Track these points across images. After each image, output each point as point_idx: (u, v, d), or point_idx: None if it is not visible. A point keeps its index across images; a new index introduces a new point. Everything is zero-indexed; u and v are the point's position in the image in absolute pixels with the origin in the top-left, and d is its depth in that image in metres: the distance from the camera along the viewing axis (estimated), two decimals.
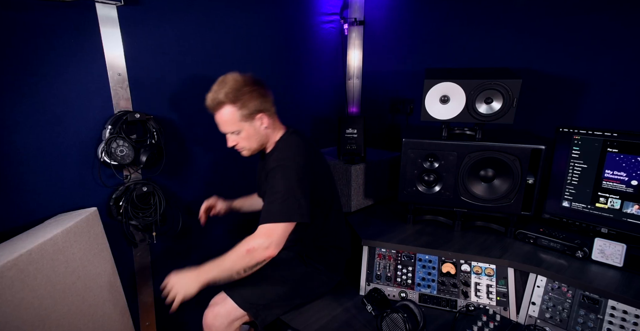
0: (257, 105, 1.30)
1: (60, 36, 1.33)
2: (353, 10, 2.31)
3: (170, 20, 1.58)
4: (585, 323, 1.25)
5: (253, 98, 1.29)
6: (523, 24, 1.75)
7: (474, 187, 1.55)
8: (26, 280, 1.07)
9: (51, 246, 1.13)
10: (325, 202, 1.44)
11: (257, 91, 1.31)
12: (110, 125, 1.43)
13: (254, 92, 1.30)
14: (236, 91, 1.27)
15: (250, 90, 1.29)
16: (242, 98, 1.28)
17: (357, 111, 2.49)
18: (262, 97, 1.32)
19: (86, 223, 1.32)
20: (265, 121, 1.34)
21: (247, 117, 1.30)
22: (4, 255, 1.05)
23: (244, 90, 1.28)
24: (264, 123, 1.34)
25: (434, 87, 1.50)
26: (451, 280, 1.47)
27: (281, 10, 2.00)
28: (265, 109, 1.33)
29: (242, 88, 1.28)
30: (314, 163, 1.36)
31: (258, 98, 1.31)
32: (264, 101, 1.33)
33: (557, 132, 1.52)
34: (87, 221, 1.33)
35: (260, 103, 1.31)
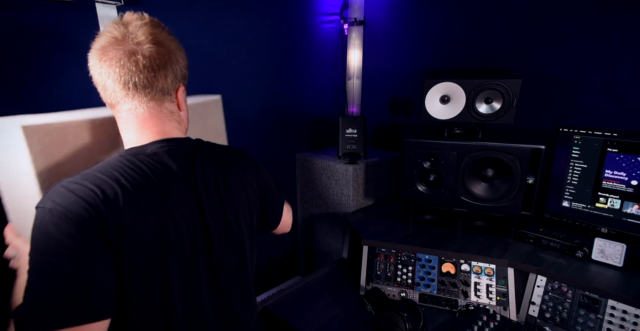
0: None
1: (60, 36, 1.33)
2: (353, 10, 2.31)
3: (170, 20, 1.58)
4: (585, 323, 1.25)
5: None
6: (523, 24, 1.75)
7: (474, 186, 1.55)
8: None
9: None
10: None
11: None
12: None
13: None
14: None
15: None
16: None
17: (357, 111, 2.49)
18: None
19: (208, 107, 1.26)
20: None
21: None
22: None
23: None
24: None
25: (434, 87, 1.50)
26: (451, 280, 1.47)
27: (281, 10, 2.00)
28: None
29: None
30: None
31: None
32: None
33: (557, 132, 1.53)
34: (210, 105, 1.27)
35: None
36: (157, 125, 0.79)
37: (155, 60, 0.73)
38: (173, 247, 0.73)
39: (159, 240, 0.71)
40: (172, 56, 0.76)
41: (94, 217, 0.64)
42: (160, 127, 0.79)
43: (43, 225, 0.63)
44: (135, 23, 0.74)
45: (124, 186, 0.68)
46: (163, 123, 0.79)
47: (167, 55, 0.75)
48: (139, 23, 0.74)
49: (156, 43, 0.74)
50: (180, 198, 0.75)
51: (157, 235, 0.71)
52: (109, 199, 0.66)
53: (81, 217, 0.63)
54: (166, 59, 0.75)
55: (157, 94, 0.76)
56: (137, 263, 0.68)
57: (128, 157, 0.73)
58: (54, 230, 0.62)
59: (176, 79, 0.79)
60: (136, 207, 0.68)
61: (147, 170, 0.72)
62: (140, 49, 0.72)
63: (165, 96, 0.78)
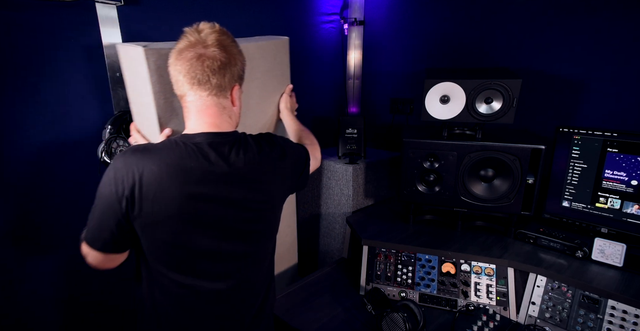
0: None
1: (60, 36, 1.33)
2: (353, 10, 2.31)
3: (170, 20, 1.58)
4: (585, 323, 1.25)
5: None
6: (523, 24, 1.75)
7: (474, 186, 1.55)
8: None
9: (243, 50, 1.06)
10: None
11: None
12: (110, 125, 1.43)
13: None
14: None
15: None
16: None
17: (357, 111, 2.49)
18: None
19: (276, 46, 1.41)
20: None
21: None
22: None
23: None
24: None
25: (434, 87, 1.50)
26: (451, 280, 1.47)
27: (281, 10, 2.00)
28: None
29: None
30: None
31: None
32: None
33: (557, 132, 1.52)
34: (277, 44, 1.42)
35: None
36: (211, 117, 0.94)
37: (218, 62, 0.89)
38: (181, 215, 0.89)
39: (173, 211, 0.88)
40: (232, 59, 0.92)
41: (130, 184, 0.85)
42: (213, 119, 0.94)
43: (106, 175, 0.87)
44: (206, 30, 0.90)
45: (162, 163, 0.86)
46: (216, 116, 0.94)
47: (228, 58, 0.91)
48: (210, 31, 0.90)
49: (221, 48, 0.90)
50: (207, 181, 0.90)
51: (171, 208, 0.87)
52: (144, 174, 0.85)
53: (122, 182, 0.85)
54: (227, 61, 0.91)
55: (214, 90, 0.92)
56: (148, 219, 0.88)
57: (179, 141, 0.91)
58: (105, 184, 0.86)
59: (233, 78, 0.94)
60: (162, 184, 0.86)
61: (186, 155, 0.89)
62: (207, 52, 0.88)
63: (221, 92, 0.93)
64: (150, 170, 0.85)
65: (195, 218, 0.90)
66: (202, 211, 0.90)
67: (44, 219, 1.42)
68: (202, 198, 0.90)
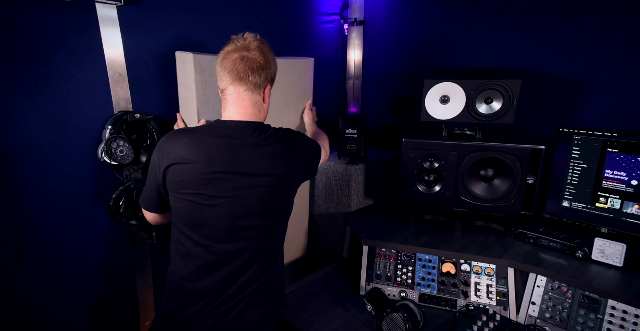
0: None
1: (60, 36, 1.33)
2: (353, 10, 2.31)
3: (170, 20, 1.58)
4: (585, 323, 1.25)
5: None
6: (523, 24, 1.75)
7: (474, 186, 1.55)
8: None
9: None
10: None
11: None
12: (110, 125, 1.43)
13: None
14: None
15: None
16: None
17: (357, 111, 2.49)
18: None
19: (302, 64, 1.72)
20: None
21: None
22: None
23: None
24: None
25: (434, 87, 1.50)
26: (451, 280, 1.47)
27: (282, 10, 2.00)
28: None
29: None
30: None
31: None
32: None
33: (557, 132, 1.52)
34: (304, 63, 1.73)
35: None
36: (244, 108, 1.12)
37: (257, 63, 1.09)
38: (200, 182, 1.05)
39: (191, 178, 1.04)
40: (268, 63, 1.12)
41: (166, 160, 1.05)
42: (244, 110, 1.12)
43: (153, 155, 1.10)
44: (250, 38, 1.11)
45: (195, 139, 1.05)
46: (247, 108, 1.12)
47: (265, 62, 1.10)
48: (252, 39, 1.11)
49: (260, 52, 1.10)
50: (229, 155, 1.05)
51: (195, 176, 1.04)
52: (179, 148, 1.04)
53: (161, 158, 1.07)
54: (264, 64, 1.10)
55: (251, 86, 1.10)
56: (177, 185, 1.06)
57: (212, 124, 1.12)
58: (153, 155, 1.09)
59: (267, 79, 1.13)
60: (192, 155, 1.04)
61: (215, 133, 1.07)
62: (249, 55, 1.08)
63: (256, 89, 1.11)
64: (184, 144, 1.04)
65: (215, 186, 1.04)
66: (221, 180, 1.04)
67: (44, 219, 1.42)
68: (222, 170, 1.04)
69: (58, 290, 1.51)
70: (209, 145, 1.05)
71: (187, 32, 1.64)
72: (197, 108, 1.43)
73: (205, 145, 1.05)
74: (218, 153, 1.04)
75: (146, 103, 1.57)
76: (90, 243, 1.55)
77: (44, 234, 1.43)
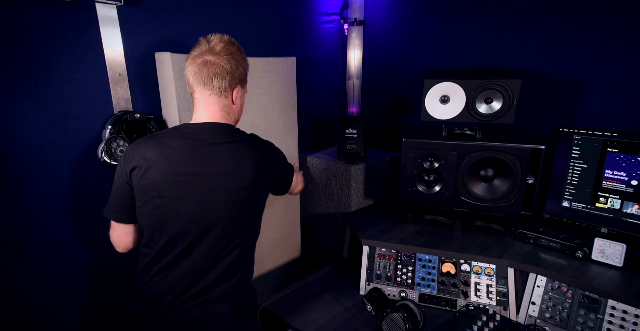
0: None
1: (60, 36, 1.34)
2: (353, 10, 2.31)
3: (170, 20, 1.58)
4: (585, 323, 1.25)
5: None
6: (523, 24, 1.75)
7: (474, 186, 1.55)
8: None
9: (253, 63, 1.32)
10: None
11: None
12: (110, 125, 1.43)
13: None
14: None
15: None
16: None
17: (357, 111, 2.49)
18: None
19: (283, 63, 1.77)
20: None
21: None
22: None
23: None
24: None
25: (434, 87, 1.50)
26: (451, 280, 1.47)
27: (282, 10, 2.00)
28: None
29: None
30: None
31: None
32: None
33: (557, 132, 1.53)
34: (285, 62, 1.78)
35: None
36: (211, 111, 1.10)
37: (220, 68, 1.06)
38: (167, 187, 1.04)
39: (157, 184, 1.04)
40: (234, 66, 1.08)
41: (130, 164, 1.04)
42: (212, 113, 1.11)
43: (119, 162, 1.08)
44: (215, 41, 1.07)
45: (158, 144, 1.05)
46: (215, 111, 1.11)
47: (230, 65, 1.07)
48: (218, 41, 1.08)
49: (226, 55, 1.07)
50: (192, 157, 1.05)
51: (159, 178, 1.03)
52: (145, 154, 1.03)
53: (125, 163, 1.06)
54: (228, 68, 1.07)
55: (216, 90, 1.08)
56: (141, 190, 1.05)
57: (177, 127, 1.11)
58: (120, 166, 1.07)
59: (234, 81, 1.10)
60: (156, 160, 1.03)
61: (178, 136, 1.07)
62: (213, 59, 1.06)
63: (222, 93, 1.09)
64: (148, 148, 1.04)
65: (178, 188, 1.04)
66: (184, 182, 1.04)
67: (44, 219, 1.42)
68: (185, 172, 1.04)
69: (58, 290, 1.51)
70: (171, 147, 1.04)
71: (187, 32, 1.64)
72: (178, 107, 1.46)
73: (168, 147, 1.04)
74: (182, 155, 1.04)
75: (146, 103, 1.57)
76: (90, 243, 1.55)
77: (44, 234, 1.43)
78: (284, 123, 1.88)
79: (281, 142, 1.89)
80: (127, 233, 1.16)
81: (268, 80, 1.73)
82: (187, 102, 1.48)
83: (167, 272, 1.07)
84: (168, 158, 1.03)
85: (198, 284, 1.08)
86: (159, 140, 1.06)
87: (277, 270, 2.05)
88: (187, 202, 1.04)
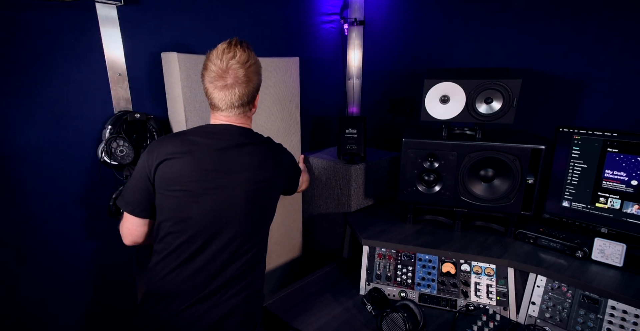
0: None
1: (60, 36, 1.33)
2: (353, 10, 2.31)
3: (170, 20, 1.58)
4: (585, 323, 1.25)
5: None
6: (523, 24, 1.75)
7: (474, 186, 1.55)
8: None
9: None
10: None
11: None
12: (110, 125, 1.43)
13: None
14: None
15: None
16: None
17: (357, 111, 2.49)
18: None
19: (287, 63, 1.80)
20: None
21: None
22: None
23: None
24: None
25: (434, 87, 1.50)
26: (451, 280, 1.47)
27: (282, 10, 2.00)
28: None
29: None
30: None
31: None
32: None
33: (557, 132, 1.52)
34: (288, 62, 1.81)
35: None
36: (233, 118, 1.15)
37: (240, 94, 1.10)
38: (189, 181, 1.07)
39: (181, 177, 1.06)
40: (251, 85, 1.12)
41: (157, 158, 1.06)
42: (235, 119, 1.15)
43: (142, 156, 1.11)
44: (231, 60, 1.07)
45: (180, 142, 1.08)
46: (236, 117, 1.15)
47: (248, 88, 1.12)
48: (233, 60, 1.07)
49: (244, 80, 1.10)
50: (212, 155, 1.08)
51: (180, 174, 1.06)
52: (172, 151, 1.06)
53: (150, 157, 1.07)
54: (247, 91, 1.12)
55: (240, 110, 1.14)
56: (164, 184, 1.07)
57: (204, 126, 1.15)
58: (144, 160, 1.09)
59: (252, 96, 1.14)
60: (177, 156, 1.06)
61: (205, 135, 1.10)
62: (233, 85, 1.09)
63: (244, 109, 1.15)
64: (174, 144, 1.07)
65: (201, 183, 1.06)
66: (209, 178, 1.06)
67: (44, 219, 1.42)
68: (210, 168, 1.07)
69: (58, 290, 1.51)
70: (197, 144, 1.08)
71: (187, 32, 1.64)
72: (185, 107, 1.47)
73: (194, 144, 1.08)
74: (207, 152, 1.07)
75: (146, 103, 1.57)
76: (90, 243, 1.55)
77: (44, 234, 1.43)
78: (287, 123, 1.88)
79: (284, 141, 1.89)
80: (139, 225, 1.16)
81: (272, 80, 1.75)
82: (194, 101, 1.49)
83: (183, 268, 1.08)
84: (193, 154, 1.06)
85: (212, 283, 1.08)
86: (184, 137, 1.10)
87: (277, 270, 2.05)
88: (209, 196, 1.07)
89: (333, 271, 1.73)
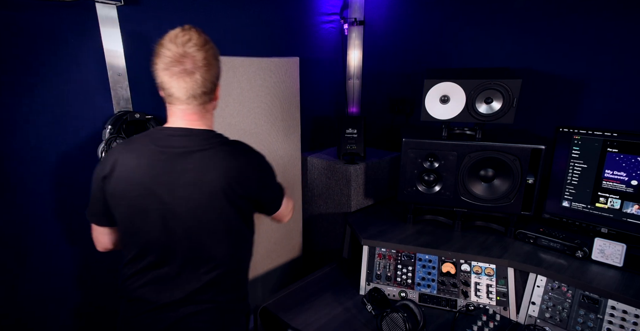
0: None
1: (60, 36, 1.33)
2: (353, 10, 2.31)
3: (170, 20, 1.58)
4: (585, 323, 1.25)
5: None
6: (523, 24, 1.75)
7: (474, 186, 1.55)
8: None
9: (257, 63, 1.50)
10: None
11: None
12: (110, 125, 1.43)
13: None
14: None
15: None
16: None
17: (357, 111, 2.49)
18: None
19: (287, 63, 1.80)
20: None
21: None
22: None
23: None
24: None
25: (434, 87, 1.50)
26: (451, 280, 1.47)
27: (282, 10, 2.00)
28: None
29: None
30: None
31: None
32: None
33: (557, 132, 1.53)
34: (288, 62, 1.80)
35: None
36: (187, 116, 1.05)
37: (197, 84, 1.00)
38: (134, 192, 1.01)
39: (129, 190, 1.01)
40: (208, 73, 1.01)
41: (103, 171, 1.02)
42: (189, 117, 1.05)
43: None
44: (186, 41, 0.96)
45: (131, 150, 1.02)
46: (192, 115, 1.04)
47: (205, 79, 1.01)
48: (188, 41, 0.96)
49: (203, 64, 0.98)
50: (159, 160, 1.00)
51: (130, 181, 1.00)
52: (116, 165, 1.01)
53: (99, 169, 1.04)
54: (204, 82, 1.01)
55: (196, 103, 1.03)
56: (110, 198, 1.04)
57: (152, 131, 1.07)
58: (96, 170, 1.05)
59: (213, 88, 1.04)
60: (125, 170, 1.00)
61: (152, 142, 1.02)
62: (188, 71, 0.97)
63: (201, 103, 1.04)
64: (122, 157, 1.01)
65: (145, 197, 1.00)
66: (150, 193, 0.99)
67: (44, 219, 1.42)
68: (151, 182, 0.99)
69: (58, 290, 1.51)
70: (141, 156, 1.00)
71: None
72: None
73: (139, 156, 1.00)
74: (149, 165, 0.99)
75: (146, 103, 1.57)
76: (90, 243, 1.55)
77: (44, 234, 1.43)
78: (287, 123, 1.89)
79: (284, 141, 1.89)
80: (103, 234, 1.15)
81: (272, 80, 1.75)
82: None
83: (140, 276, 1.06)
84: (136, 168, 0.99)
85: (162, 299, 1.04)
86: (132, 146, 1.03)
87: (277, 270, 2.05)
88: (153, 212, 1.00)
89: (333, 271, 1.73)
